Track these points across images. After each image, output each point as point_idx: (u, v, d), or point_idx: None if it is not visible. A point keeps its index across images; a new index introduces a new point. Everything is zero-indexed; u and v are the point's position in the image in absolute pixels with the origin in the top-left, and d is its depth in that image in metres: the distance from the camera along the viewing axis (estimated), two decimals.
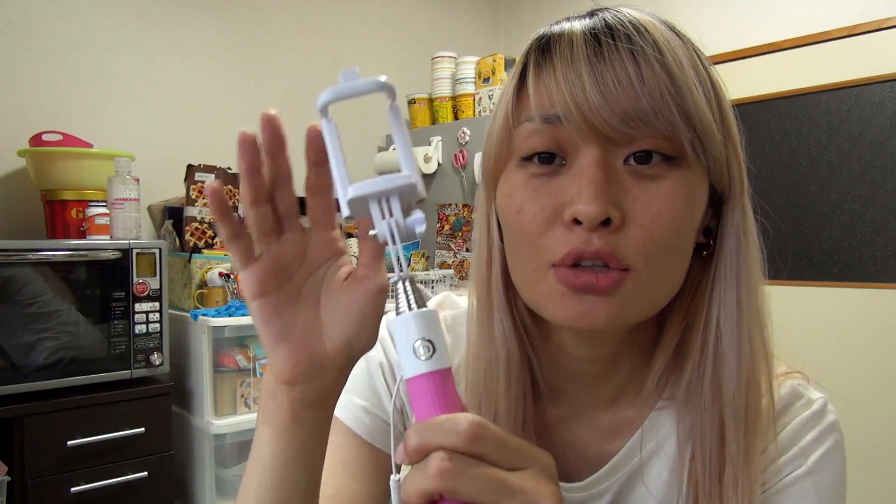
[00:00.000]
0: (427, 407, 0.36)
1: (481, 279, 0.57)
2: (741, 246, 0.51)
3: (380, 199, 0.39)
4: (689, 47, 0.50)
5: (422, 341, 0.36)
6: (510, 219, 0.50)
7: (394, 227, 0.39)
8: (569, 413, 0.58)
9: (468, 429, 0.33)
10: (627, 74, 0.45)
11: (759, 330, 0.52)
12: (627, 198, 0.46)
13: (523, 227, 0.49)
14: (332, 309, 0.43)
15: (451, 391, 0.37)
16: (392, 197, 0.39)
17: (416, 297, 0.38)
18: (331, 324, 0.43)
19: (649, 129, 0.45)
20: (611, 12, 0.49)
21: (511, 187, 0.50)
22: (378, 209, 0.39)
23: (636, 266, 0.47)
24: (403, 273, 0.39)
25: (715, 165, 0.49)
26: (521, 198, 0.49)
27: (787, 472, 0.53)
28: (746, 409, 0.50)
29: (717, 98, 0.50)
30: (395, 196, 0.39)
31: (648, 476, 0.56)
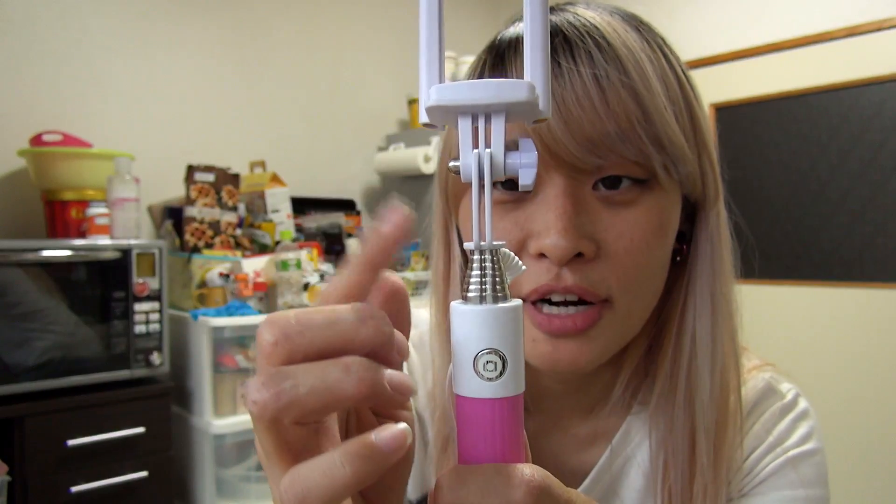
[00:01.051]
0: (474, 444, 0.27)
1: (439, 294, 0.54)
2: (715, 252, 0.50)
3: (475, 115, 0.27)
4: (657, 50, 0.46)
5: (488, 353, 0.26)
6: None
7: (486, 164, 0.27)
8: (546, 425, 0.57)
9: (525, 497, 0.25)
10: (590, 97, 0.41)
11: (731, 334, 0.51)
12: (598, 228, 0.44)
13: None
14: None
15: (514, 427, 0.27)
16: (496, 115, 0.27)
17: (494, 281, 0.27)
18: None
19: (616, 157, 0.42)
20: (569, 14, 0.45)
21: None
22: (469, 129, 0.27)
23: (611, 297, 0.45)
24: (486, 242, 0.27)
25: (688, 179, 0.47)
26: None
27: (767, 463, 0.52)
28: (717, 419, 0.49)
29: (689, 109, 0.47)
30: (500, 114, 0.27)
31: (625, 486, 0.55)
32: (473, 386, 0.26)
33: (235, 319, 1.80)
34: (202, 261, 1.94)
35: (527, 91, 0.26)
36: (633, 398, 0.55)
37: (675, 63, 0.48)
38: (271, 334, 0.24)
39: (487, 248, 0.27)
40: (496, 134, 0.27)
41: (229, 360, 1.85)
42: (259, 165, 2.30)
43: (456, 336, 0.27)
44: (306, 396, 0.24)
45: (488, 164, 0.26)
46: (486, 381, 0.26)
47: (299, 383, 0.24)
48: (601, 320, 0.45)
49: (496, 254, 0.27)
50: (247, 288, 1.88)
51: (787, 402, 0.54)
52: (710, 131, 0.49)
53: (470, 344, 0.26)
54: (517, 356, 0.26)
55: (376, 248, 0.27)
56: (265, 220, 2.16)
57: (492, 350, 0.26)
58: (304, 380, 0.24)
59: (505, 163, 0.27)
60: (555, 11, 0.47)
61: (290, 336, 0.24)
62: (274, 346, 0.24)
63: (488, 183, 0.27)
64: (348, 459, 0.24)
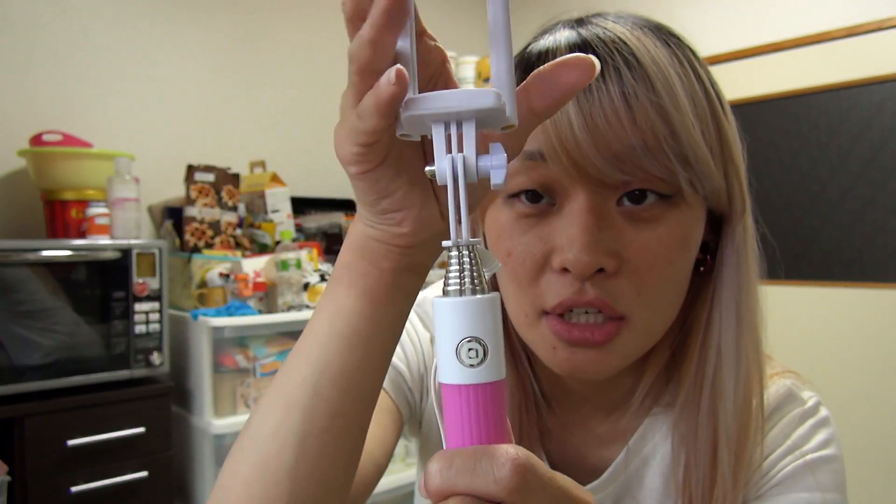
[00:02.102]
0: (460, 429, 0.28)
1: None
2: (741, 264, 0.50)
3: (448, 122, 0.29)
4: (686, 66, 0.46)
5: (469, 342, 0.27)
6: (500, 259, 0.48)
7: (459, 167, 0.29)
8: (566, 422, 0.58)
9: (511, 474, 0.26)
10: (617, 113, 0.42)
11: (756, 345, 0.51)
12: (621, 243, 0.44)
13: (514, 271, 0.47)
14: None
15: (497, 412, 0.28)
16: (467, 122, 0.29)
17: (472, 275, 0.29)
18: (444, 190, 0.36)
19: (641, 172, 0.43)
20: (598, 28, 0.46)
21: (499, 227, 0.48)
22: (443, 136, 0.29)
23: (632, 313, 0.45)
24: (462, 239, 0.29)
25: (713, 195, 0.47)
26: (511, 241, 0.47)
27: (784, 466, 0.52)
28: (739, 430, 0.50)
29: (717, 125, 0.47)
30: (470, 120, 0.29)
31: (642, 486, 0.56)
32: (457, 373, 0.28)
33: (235, 319, 1.80)
34: (202, 261, 1.94)
35: (493, 99, 0.28)
36: (654, 401, 0.56)
37: (703, 77, 0.48)
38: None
39: (465, 244, 0.29)
40: (468, 139, 0.29)
41: (229, 360, 1.85)
42: (259, 165, 2.30)
43: (438, 328, 0.28)
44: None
45: (461, 167, 0.29)
46: (469, 367, 0.27)
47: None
48: (619, 334, 0.46)
49: (473, 249, 0.29)
50: (247, 288, 1.88)
51: (807, 408, 0.54)
52: (737, 145, 0.49)
53: (452, 334, 0.28)
54: (497, 344, 0.28)
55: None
56: (265, 220, 2.16)
57: (473, 338, 0.28)
58: None
59: (477, 165, 0.29)
60: (584, 24, 0.47)
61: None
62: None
63: (462, 184, 0.29)
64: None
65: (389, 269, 0.36)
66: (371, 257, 0.36)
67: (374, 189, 0.34)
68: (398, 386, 0.60)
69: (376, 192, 0.34)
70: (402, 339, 0.61)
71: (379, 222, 0.36)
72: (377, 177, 0.33)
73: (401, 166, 0.34)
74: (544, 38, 0.48)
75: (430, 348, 0.62)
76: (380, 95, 0.28)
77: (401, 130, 0.30)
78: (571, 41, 0.45)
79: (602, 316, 0.45)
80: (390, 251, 0.36)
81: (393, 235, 0.35)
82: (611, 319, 0.45)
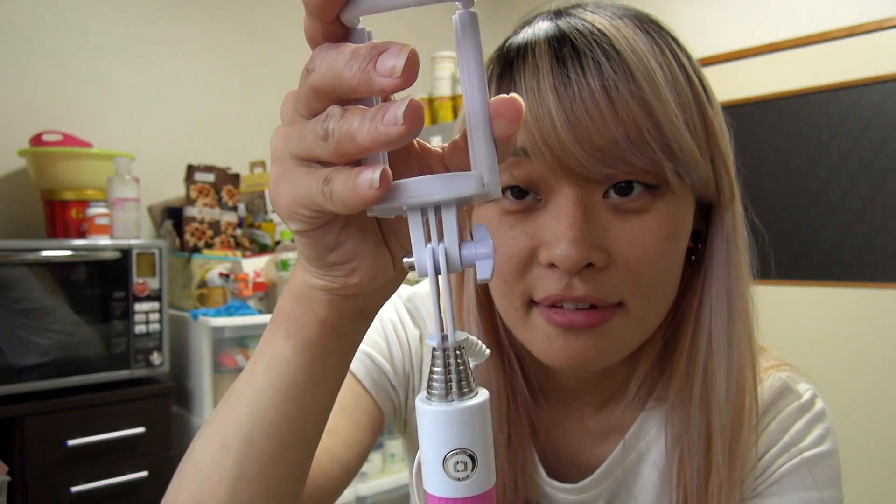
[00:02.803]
0: None
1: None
2: (731, 251, 0.50)
3: (425, 209, 0.26)
4: (667, 54, 0.46)
5: (456, 454, 0.25)
6: None
7: (441, 260, 0.26)
8: (557, 419, 0.58)
9: None
10: (598, 106, 0.41)
11: (748, 333, 0.51)
12: (609, 236, 0.44)
13: (500, 268, 0.46)
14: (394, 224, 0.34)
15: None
16: (447, 207, 0.26)
17: (459, 377, 0.26)
18: (395, 234, 0.34)
19: (627, 166, 0.42)
20: (576, 20, 0.45)
21: (486, 224, 0.47)
22: (420, 224, 0.26)
23: (624, 301, 0.45)
24: (448, 339, 0.26)
25: (700, 184, 0.47)
26: (497, 237, 0.46)
27: (781, 463, 0.52)
28: (732, 418, 0.49)
29: (702, 113, 0.46)
30: (450, 206, 0.26)
31: (637, 482, 0.56)
32: (444, 486, 0.26)
33: (235, 319, 1.80)
34: (202, 261, 1.94)
35: (475, 185, 0.25)
36: (648, 395, 0.55)
37: (686, 65, 0.47)
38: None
39: (451, 346, 0.26)
40: (448, 227, 0.26)
41: (229, 360, 1.85)
42: (259, 165, 2.30)
43: (423, 435, 0.27)
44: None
45: (443, 259, 0.26)
46: (457, 480, 0.26)
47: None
48: (613, 319, 0.45)
49: (460, 349, 0.27)
50: (247, 288, 1.88)
51: (803, 402, 0.54)
52: (724, 132, 0.49)
53: (438, 444, 0.26)
54: (487, 452, 0.26)
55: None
56: (265, 220, 2.16)
57: (461, 450, 0.26)
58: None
59: (461, 255, 0.26)
60: (562, 16, 0.47)
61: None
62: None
63: (445, 279, 0.26)
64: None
65: (332, 321, 0.34)
66: (312, 307, 0.34)
67: (321, 244, 0.31)
68: (380, 384, 0.59)
69: (322, 246, 0.31)
70: (387, 335, 0.60)
71: (325, 273, 0.33)
72: (324, 231, 0.31)
73: (350, 215, 0.31)
74: (523, 32, 0.48)
75: (419, 346, 0.61)
76: (360, 195, 0.25)
77: (371, 213, 0.28)
78: (550, 34, 0.45)
79: (594, 308, 0.45)
80: (334, 301, 0.34)
81: (341, 286, 0.33)
82: (604, 308, 0.45)
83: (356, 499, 1.92)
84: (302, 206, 0.28)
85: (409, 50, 0.24)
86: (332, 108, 0.26)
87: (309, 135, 0.27)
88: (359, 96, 0.26)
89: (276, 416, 0.35)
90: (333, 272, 0.33)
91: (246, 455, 0.35)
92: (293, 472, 0.38)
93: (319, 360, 0.35)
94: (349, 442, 0.54)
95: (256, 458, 0.35)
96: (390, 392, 0.60)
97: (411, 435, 0.64)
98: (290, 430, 0.36)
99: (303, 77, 0.27)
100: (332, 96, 0.26)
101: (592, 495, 0.56)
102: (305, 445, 0.37)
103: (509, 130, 0.27)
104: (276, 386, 0.35)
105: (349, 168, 0.26)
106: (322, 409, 0.37)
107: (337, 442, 0.53)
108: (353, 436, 0.55)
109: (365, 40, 0.27)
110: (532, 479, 0.56)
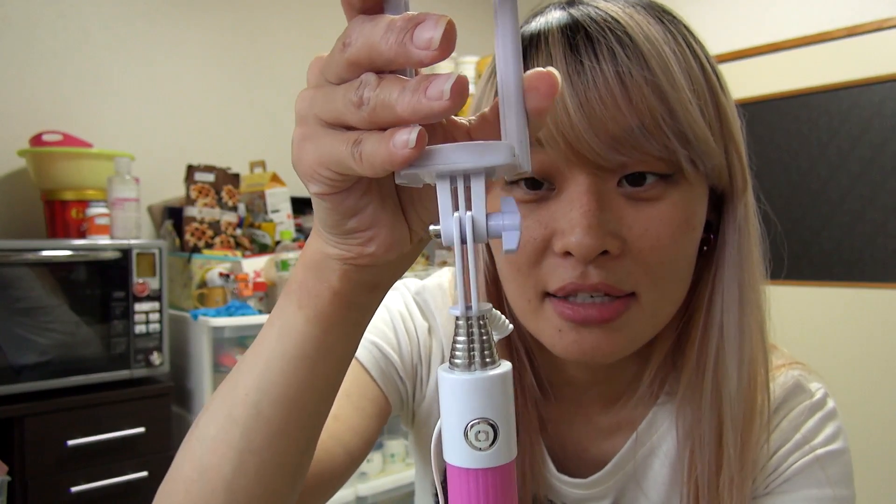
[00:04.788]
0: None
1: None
2: (743, 242, 0.49)
3: (454, 177, 0.26)
4: (681, 42, 0.46)
5: (478, 423, 0.25)
6: (499, 247, 0.48)
7: (467, 228, 0.26)
8: (569, 413, 0.58)
9: None
10: (612, 93, 0.41)
11: (760, 326, 0.51)
12: (623, 225, 0.44)
13: (514, 258, 0.46)
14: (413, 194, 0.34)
15: (507, 494, 0.26)
16: (476, 176, 0.26)
17: (483, 347, 0.26)
18: (414, 206, 0.34)
19: (640, 154, 0.42)
20: (589, 8, 0.45)
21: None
22: (448, 192, 0.26)
23: (640, 291, 0.45)
24: (471, 308, 0.26)
25: (714, 172, 0.46)
26: None
27: (794, 461, 0.52)
28: (744, 411, 0.49)
29: (715, 101, 0.47)
30: (480, 175, 0.26)
31: (648, 477, 0.55)
32: (465, 457, 0.26)
33: (235, 319, 1.80)
34: (202, 261, 1.94)
35: (506, 154, 0.25)
36: (659, 390, 0.55)
37: (700, 54, 0.47)
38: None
39: (476, 315, 0.26)
40: (477, 196, 0.26)
41: (229, 360, 1.85)
42: (259, 165, 2.30)
43: (445, 405, 0.26)
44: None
45: (470, 228, 0.26)
46: (478, 451, 0.26)
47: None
48: (627, 311, 0.45)
49: (484, 319, 0.27)
50: (247, 288, 1.88)
51: (815, 400, 0.54)
52: (736, 122, 0.49)
53: (460, 414, 0.26)
54: (508, 422, 0.26)
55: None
56: (265, 220, 2.16)
57: (483, 420, 0.26)
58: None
59: (487, 225, 0.26)
60: (575, 5, 0.46)
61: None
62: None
63: (471, 247, 0.26)
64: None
65: (345, 291, 0.34)
66: (325, 277, 0.34)
67: (340, 209, 0.31)
68: (387, 375, 0.59)
69: (342, 211, 0.31)
70: (396, 326, 0.60)
71: (342, 241, 0.33)
72: (345, 195, 0.30)
73: (373, 179, 0.31)
74: (535, 21, 0.48)
75: (428, 339, 0.61)
76: (394, 156, 0.25)
77: (399, 180, 0.28)
78: (563, 22, 0.45)
79: (608, 298, 0.45)
80: (348, 271, 0.33)
81: (356, 255, 0.33)
82: (619, 299, 0.45)
83: (356, 499, 1.92)
84: (326, 166, 0.28)
85: (446, 21, 0.24)
86: (366, 76, 0.26)
87: (340, 100, 0.27)
88: (395, 68, 0.26)
89: (285, 387, 0.35)
90: (350, 240, 0.32)
91: (253, 426, 0.35)
92: (299, 448, 0.38)
93: (330, 331, 0.35)
94: (355, 429, 0.54)
95: (263, 430, 0.35)
96: (398, 383, 0.60)
97: (419, 429, 0.63)
98: (297, 402, 0.36)
99: (337, 50, 0.27)
100: (368, 68, 0.26)
101: (601, 490, 0.56)
102: (311, 420, 0.37)
103: (543, 104, 0.27)
104: (286, 356, 0.35)
105: (381, 131, 0.26)
106: (330, 384, 0.37)
107: (343, 428, 0.53)
108: (359, 423, 0.55)
109: (401, 10, 0.27)
110: (541, 474, 0.56)
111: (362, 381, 0.57)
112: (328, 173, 0.29)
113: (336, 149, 0.27)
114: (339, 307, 0.34)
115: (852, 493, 0.52)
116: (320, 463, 0.49)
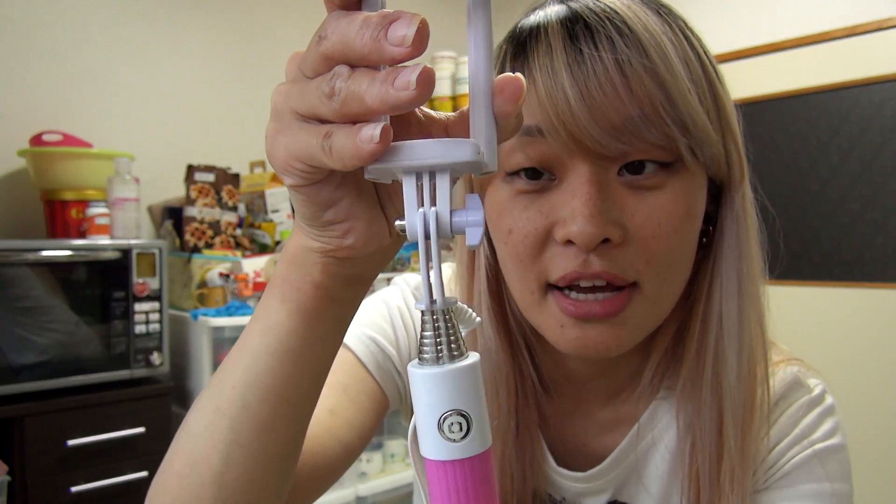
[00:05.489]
0: (450, 502, 0.27)
1: (462, 283, 0.55)
2: (741, 233, 0.49)
3: (420, 174, 0.27)
4: (678, 33, 0.46)
5: (451, 415, 0.26)
6: (501, 238, 0.48)
7: (431, 224, 0.26)
8: (566, 408, 0.58)
9: None
10: (612, 82, 0.41)
11: (758, 317, 0.51)
12: (625, 213, 0.44)
13: (515, 248, 0.46)
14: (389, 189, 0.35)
15: (485, 482, 0.27)
16: (441, 173, 0.26)
17: (449, 340, 0.27)
18: (392, 200, 0.34)
19: (641, 142, 0.43)
20: (588, 1, 0.45)
21: (500, 205, 0.48)
22: (414, 188, 0.27)
23: (642, 280, 0.45)
24: (436, 301, 0.27)
25: (713, 161, 0.47)
26: (512, 217, 0.46)
27: (792, 456, 0.52)
28: (744, 401, 0.49)
29: (713, 91, 0.47)
30: (445, 172, 0.26)
31: (648, 471, 0.56)
32: (441, 449, 0.26)
33: (235, 319, 1.80)
34: (202, 261, 1.94)
35: (471, 152, 0.26)
36: (660, 383, 0.55)
37: (697, 45, 0.47)
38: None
39: (440, 308, 0.27)
40: (441, 193, 0.27)
41: None
42: (259, 165, 2.30)
43: (416, 400, 0.27)
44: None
45: (434, 223, 0.26)
46: (452, 442, 0.26)
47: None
48: (630, 304, 0.45)
49: (449, 312, 0.27)
50: (247, 288, 1.88)
51: (814, 396, 0.54)
52: (733, 112, 0.49)
53: (433, 407, 0.26)
54: (481, 412, 0.27)
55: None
56: (265, 220, 2.16)
57: (455, 411, 0.26)
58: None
59: (451, 221, 0.27)
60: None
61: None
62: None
63: (434, 243, 0.26)
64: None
65: (326, 284, 0.35)
66: (307, 270, 0.34)
67: (316, 201, 0.31)
68: (384, 369, 0.59)
69: (318, 203, 0.32)
70: (393, 321, 0.60)
71: (321, 234, 0.33)
72: (319, 187, 0.31)
73: (347, 172, 0.31)
74: (534, 14, 0.48)
75: None
76: (360, 150, 0.26)
77: (368, 175, 0.28)
78: (561, 15, 0.45)
79: (610, 288, 0.45)
80: (329, 264, 0.34)
81: (336, 247, 0.33)
82: (620, 290, 0.45)
83: (356, 499, 1.92)
84: (298, 159, 0.29)
85: (419, 20, 0.25)
86: (339, 68, 0.27)
87: (313, 91, 0.27)
88: (369, 64, 0.26)
89: (272, 381, 0.36)
90: (328, 232, 0.33)
91: (241, 419, 0.36)
92: (287, 440, 0.38)
93: (314, 324, 0.35)
94: (351, 423, 0.54)
95: (251, 423, 0.36)
96: (395, 377, 0.60)
97: None
98: (284, 396, 0.36)
99: (313, 43, 0.28)
100: (341, 63, 0.27)
101: (601, 484, 0.56)
102: (298, 412, 0.38)
103: (508, 108, 0.28)
104: (270, 350, 0.35)
105: (350, 125, 0.26)
106: (316, 376, 0.38)
107: (338, 422, 0.53)
108: (356, 417, 0.55)
109: (378, 8, 0.28)
110: (540, 468, 0.57)
111: (360, 376, 0.57)
112: (301, 166, 0.29)
113: (307, 142, 0.28)
114: (320, 301, 0.35)
115: (850, 490, 0.52)
116: (314, 457, 0.49)
